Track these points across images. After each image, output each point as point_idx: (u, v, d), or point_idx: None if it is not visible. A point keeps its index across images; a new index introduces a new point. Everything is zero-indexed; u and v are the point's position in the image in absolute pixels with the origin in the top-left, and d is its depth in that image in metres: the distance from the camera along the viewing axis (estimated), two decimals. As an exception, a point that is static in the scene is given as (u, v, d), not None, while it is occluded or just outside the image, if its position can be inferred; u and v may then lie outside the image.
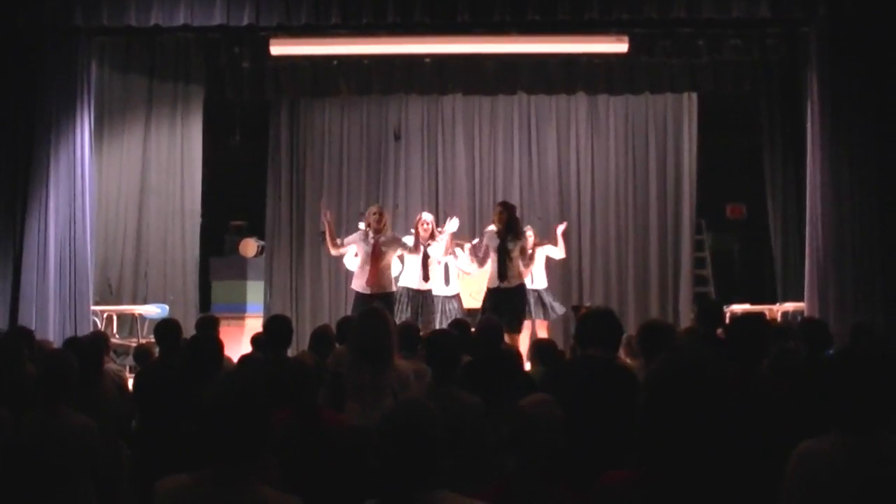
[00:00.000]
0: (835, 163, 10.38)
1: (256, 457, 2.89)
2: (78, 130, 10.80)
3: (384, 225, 10.23)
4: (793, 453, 3.18)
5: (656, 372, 2.64)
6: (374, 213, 10.21)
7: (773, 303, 12.04)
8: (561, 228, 11.95)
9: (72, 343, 6.27)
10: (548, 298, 11.71)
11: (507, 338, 8.68)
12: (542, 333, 11.15)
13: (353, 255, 10.95)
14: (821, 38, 10.52)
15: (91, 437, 4.48)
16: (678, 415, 2.54)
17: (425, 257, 10.66)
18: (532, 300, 11.38)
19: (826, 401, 3.25)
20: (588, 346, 4.75)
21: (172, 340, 6.15)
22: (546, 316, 11.65)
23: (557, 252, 11.89)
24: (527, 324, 11.13)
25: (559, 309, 11.80)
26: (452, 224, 10.52)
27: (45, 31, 10.59)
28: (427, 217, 11.06)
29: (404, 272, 10.86)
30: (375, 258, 10.04)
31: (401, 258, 10.81)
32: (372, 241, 10.04)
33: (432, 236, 10.75)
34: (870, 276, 10.18)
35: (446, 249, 10.55)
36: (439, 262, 10.95)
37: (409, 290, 10.62)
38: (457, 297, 11.12)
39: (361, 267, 10.16)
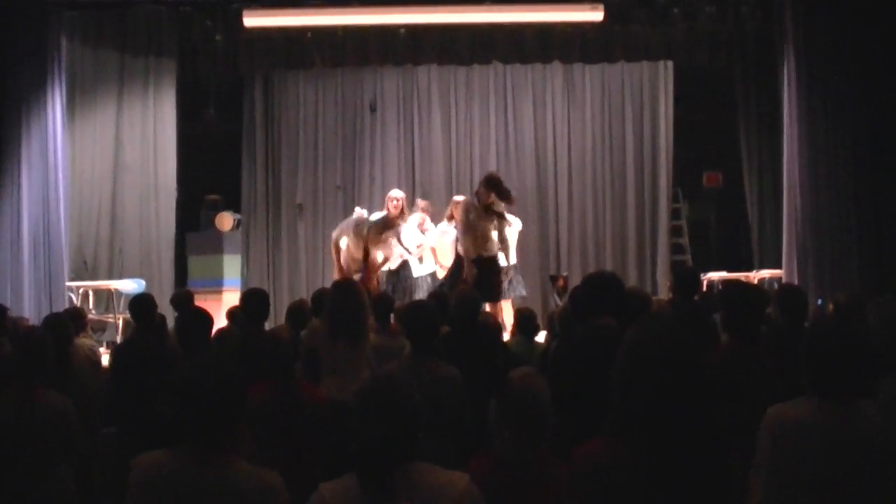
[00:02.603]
0: (810, 130, 10.42)
1: (232, 431, 2.88)
2: (50, 107, 10.70)
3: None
4: (764, 417, 3.21)
5: (632, 339, 2.63)
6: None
7: (750, 270, 12.10)
8: None
9: (48, 321, 6.22)
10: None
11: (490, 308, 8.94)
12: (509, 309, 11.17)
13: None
14: (795, 7, 10.53)
15: (68, 418, 4.46)
16: (653, 382, 2.53)
17: (397, 235, 10.86)
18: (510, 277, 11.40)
19: (803, 367, 3.29)
20: (594, 314, 4.51)
21: (147, 315, 6.12)
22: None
23: (515, 224, 11.71)
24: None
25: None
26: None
27: (13, 7, 10.45)
28: (397, 194, 11.13)
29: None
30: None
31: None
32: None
33: (402, 213, 10.90)
34: (846, 242, 10.25)
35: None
36: (419, 246, 11.15)
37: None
38: (433, 274, 11.20)
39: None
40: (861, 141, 10.29)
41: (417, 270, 11.24)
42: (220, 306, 11.65)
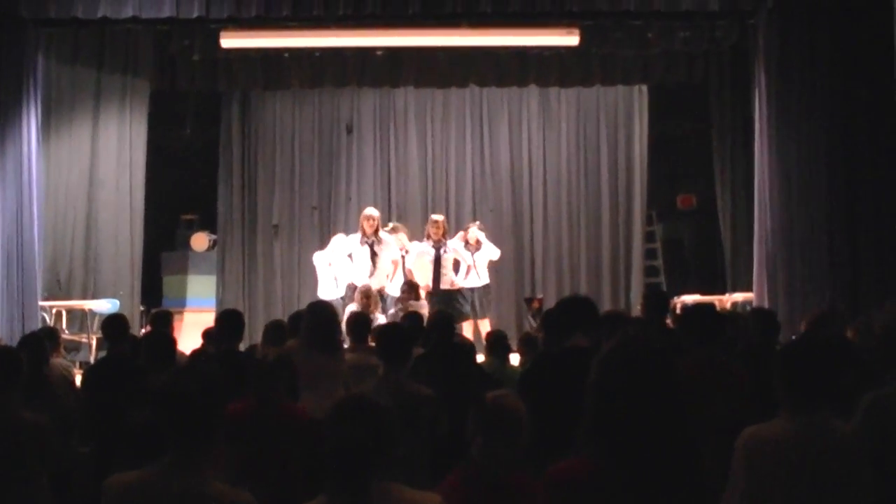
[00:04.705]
0: (782, 152, 10.49)
1: (208, 450, 2.88)
2: (24, 124, 10.63)
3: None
4: (738, 438, 3.25)
5: (605, 354, 2.63)
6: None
7: (723, 293, 12.16)
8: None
9: (25, 340, 6.21)
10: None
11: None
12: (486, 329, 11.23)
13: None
14: (768, 30, 10.62)
15: (43, 435, 4.42)
16: (629, 399, 2.53)
17: (372, 254, 10.99)
18: (476, 297, 11.44)
19: (775, 386, 3.33)
20: (567, 335, 4.55)
21: (120, 335, 6.11)
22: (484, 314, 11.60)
23: (493, 253, 11.80)
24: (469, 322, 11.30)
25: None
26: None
27: (-11, 23, 10.43)
28: (373, 213, 11.33)
29: (353, 270, 11.12)
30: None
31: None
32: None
33: (377, 232, 11.13)
34: (817, 263, 10.30)
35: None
36: (395, 262, 11.29)
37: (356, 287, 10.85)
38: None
39: None
40: (834, 160, 10.37)
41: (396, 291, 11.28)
42: (182, 326, 11.67)
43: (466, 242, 11.56)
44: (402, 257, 11.50)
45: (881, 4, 9.97)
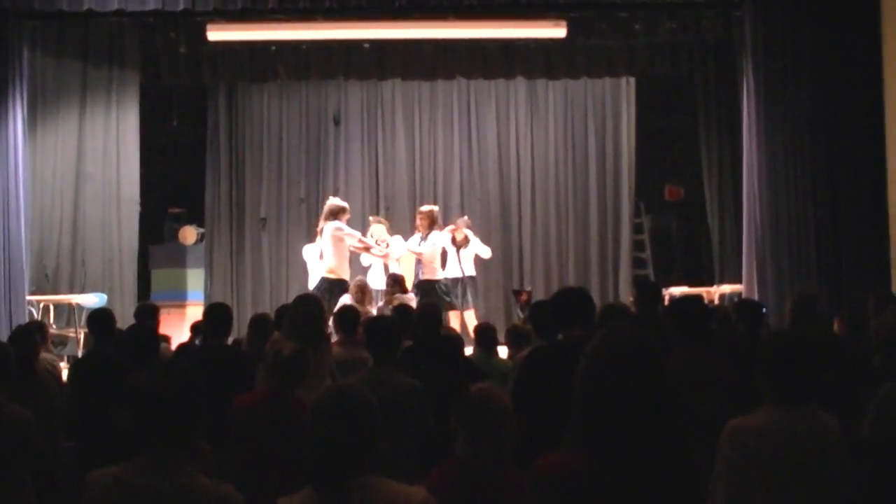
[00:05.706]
0: (770, 142, 10.51)
1: (189, 447, 2.88)
2: (10, 117, 10.59)
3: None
4: (724, 429, 3.26)
5: (595, 345, 2.62)
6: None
7: (711, 284, 12.19)
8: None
9: (16, 333, 6.18)
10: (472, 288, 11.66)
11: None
12: (472, 321, 11.21)
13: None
14: (754, 20, 10.64)
15: (27, 430, 4.40)
16: (616, 392, 2.51)
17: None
18: (463, 289, 11.41)
19: (759, 378, 3.35)
20: (564, 328, 4.60)
21: (105, 330, 6.08)
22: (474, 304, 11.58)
23: (484, 252, 11.79)
24: (456, 313, 11.27)
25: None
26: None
27: (-28, 16, 10.37)
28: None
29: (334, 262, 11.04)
30: None
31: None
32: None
33: None
34: (805, 253, 10.35)
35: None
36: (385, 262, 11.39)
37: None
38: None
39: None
40: (819, 150, 10.41)
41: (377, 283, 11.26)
42: (184, 320, 11.63)
43: (454, 239, 11.47)
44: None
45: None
